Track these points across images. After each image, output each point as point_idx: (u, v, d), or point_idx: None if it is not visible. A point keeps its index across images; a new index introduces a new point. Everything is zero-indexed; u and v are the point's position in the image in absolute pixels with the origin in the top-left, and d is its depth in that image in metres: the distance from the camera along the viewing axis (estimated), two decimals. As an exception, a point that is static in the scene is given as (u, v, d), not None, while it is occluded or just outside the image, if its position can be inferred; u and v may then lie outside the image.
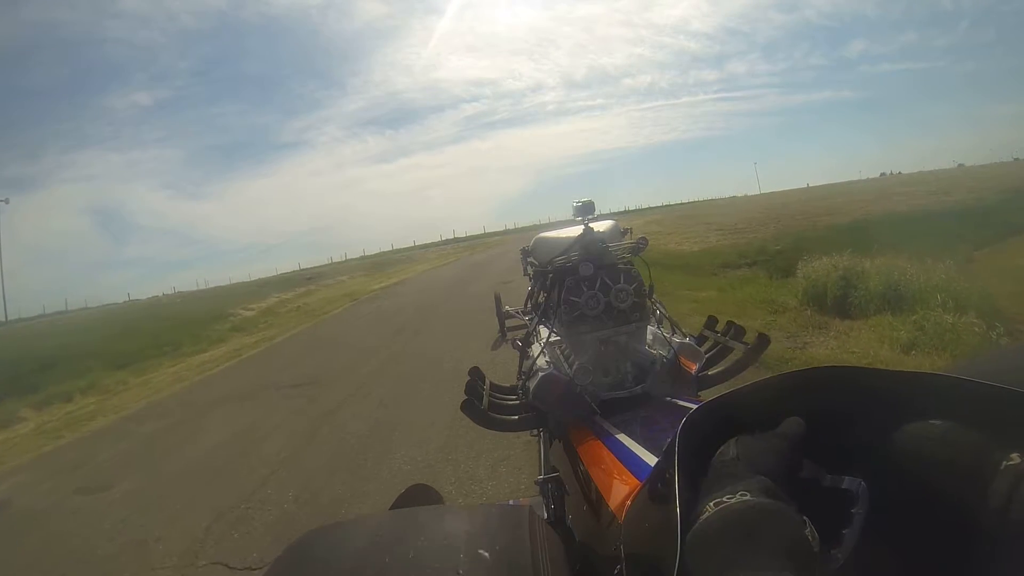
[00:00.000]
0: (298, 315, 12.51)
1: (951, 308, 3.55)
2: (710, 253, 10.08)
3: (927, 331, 3.32)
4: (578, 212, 1.55)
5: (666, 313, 1.54)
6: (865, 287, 4.22)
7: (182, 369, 7.98)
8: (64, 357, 9.83)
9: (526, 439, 2.78)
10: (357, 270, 27.40)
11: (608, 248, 1.38)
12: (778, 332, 3.90)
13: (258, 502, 2.71)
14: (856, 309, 4.14)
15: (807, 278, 4.77)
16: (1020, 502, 0.27)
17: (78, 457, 4.24)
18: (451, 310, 7.99)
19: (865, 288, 4.21)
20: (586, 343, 1.30)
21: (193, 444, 3.91)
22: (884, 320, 3.75)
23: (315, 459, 3.12)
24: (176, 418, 4.85)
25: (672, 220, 21.94)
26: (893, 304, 3.96)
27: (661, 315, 1.50)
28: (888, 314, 3.86)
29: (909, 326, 3.47)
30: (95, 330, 16.25)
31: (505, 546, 0.43)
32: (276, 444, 3.52)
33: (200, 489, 3.06)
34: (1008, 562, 0.27)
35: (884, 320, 3.75)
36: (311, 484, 2.79)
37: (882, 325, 3.66)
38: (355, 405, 4.02)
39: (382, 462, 2.89)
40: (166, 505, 2.94)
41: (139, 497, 3.13)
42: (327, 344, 7.44)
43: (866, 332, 3.65)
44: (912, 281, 4.07)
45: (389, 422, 3.49)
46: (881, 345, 3.31)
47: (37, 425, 6.00)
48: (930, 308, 3.64)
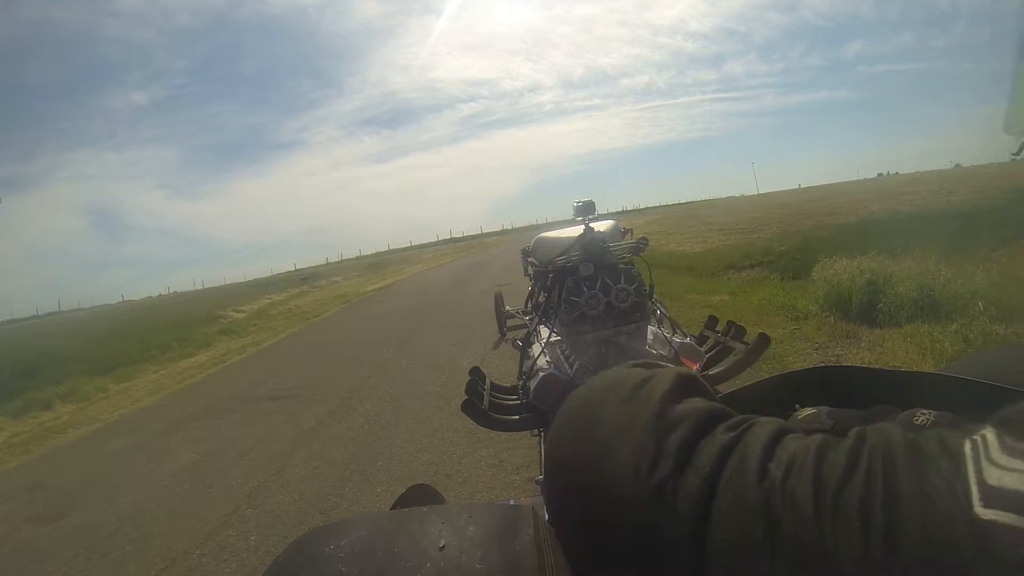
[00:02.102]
0: (289, 318, 12.28)
1: (995, 316, 3.23)
2: (714, 254, 9.79)
3: (972, 342, 2.98)
4: (579, 212, 1.57)
5: (667, 313, 1.54)
6: (894, 292, 3.88)
7: (164, 376, 7.74)
8: (49, 361, 9.60)
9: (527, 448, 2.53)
10: (352, 271, 27.21)
11: (609, 248, 1.38)
12: (805, 343, 3.56)
13: (215, 548, 2.35)
14: (885, 316, 3.79)
15: (828, 282, 4.44)
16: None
17: (39, 477, 3.98)
18: (446, 315, 7.68)
19: (895, 293, 3.87)
20: (587, 343, 1.31)
21: (159, 467, 3.60)
22: (920, 329, 3.39)
23: (285, 494, 2.76)
24: (148, 434, 4.57)
25: (672, 220, 21.72)
26: (927, 311, 3.62)
27: (662, 315, 1.50)
28: (922, 322, 3.52)
29: (951, 336, 3.13)
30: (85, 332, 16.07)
31: (507, 546, 0.41)
32: (244, 471, 3.18)
33: (156, 525, 2.74)
34: None
35: (920, 329, 3.39)
36: (276, 527, 2.43)
37: (919, 335, 3.31)
38: (337, 425, 3.67)
39: (358, 499, 2.54)
40: (116, 544, 2.63)
41: (92, 532, 2.83)
42: (314, 351, 7.16)
43: (901, 342, 3.30)
44: (947, 286, 3.73)
45: (371, 447, 3.14)
46: (923, 358, 2.97)
47: (9, 436, 5.83)
48: (971, 316, 3.31)
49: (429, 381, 4.26)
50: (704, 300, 5.58)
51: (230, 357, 8.15)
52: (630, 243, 1.47)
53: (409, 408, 3.71)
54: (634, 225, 1.99)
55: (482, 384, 1.36)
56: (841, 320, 3.98)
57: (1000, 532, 0.20)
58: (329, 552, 0.43)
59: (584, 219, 1.51)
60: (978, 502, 0.21)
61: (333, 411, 3.99)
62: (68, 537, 2.82)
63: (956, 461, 0.23)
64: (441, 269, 19.54)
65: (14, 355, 11.10)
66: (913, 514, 0.22)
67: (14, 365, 9.41)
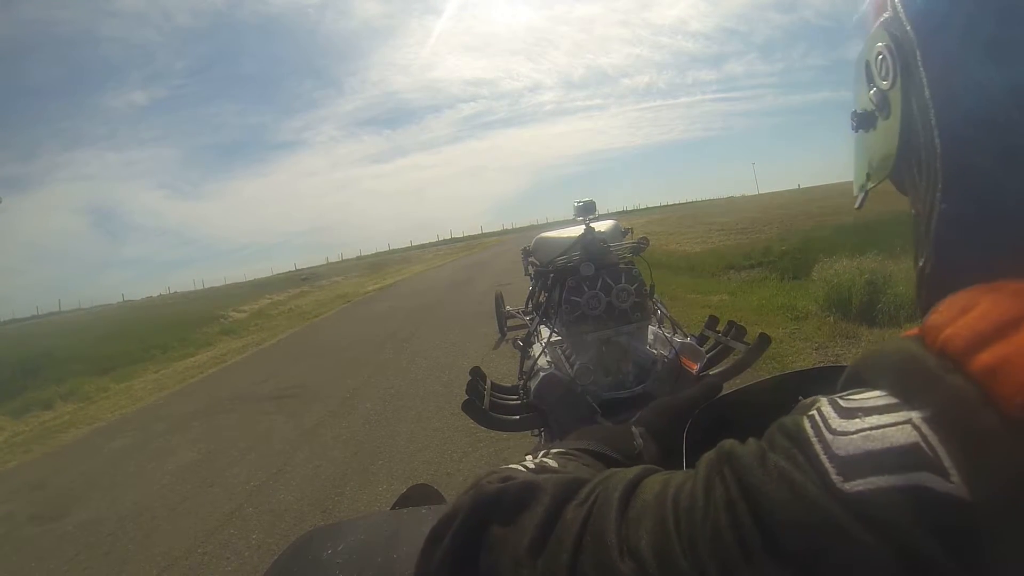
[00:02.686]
0: (289, 318, 12.27)
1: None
2: (714, 254, 9.79)
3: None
4: (579, 212, 1.57)
5: (667, 313, 1.54)
6: (894, 292, 3.88)
7: (164, 376, 7.75)
8: (50, 361, 9.62)
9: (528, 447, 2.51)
10: (353, 271, 27.20)
11: (609, 248, 1.38)
12: (804, 342, 3.57)
13: (217, 546, 2.36)
14: (885, 316, 3.79)
15: (828, 282, 4.44)
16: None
17: (41, 476, 3.99)
18: (447, 315, 7.69)
19: (894, 293, 3.87)
20: (587, 343, 1.30)
21: (160, 466, 3.61)
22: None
23: (286, 492, 2.77)
24: (149, 433, 4.57)
25: (673, 220, 21.69)
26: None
27: (662, 315, 1.50)
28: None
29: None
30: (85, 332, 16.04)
31: None
32: (246, 470, 3.18)
33: (158, 523, 2.75)
34: None
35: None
36: (278, 526, 2.44)
37: (917, 335, 3.32)
38: (337, 424, 3.68)
39: (358, 498, 2.55)
40: (118, 543, 2.64)
41: (93, 530, 2.84)
42: (315, 351, 7.16)
43: (900, 343, 3.31)
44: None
45: (372, 447, 3.15)
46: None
47: (10, 436, 5.83)
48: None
49: (430, 381, 4.27)
50: (704, 300, 5.59)
51: (231, 357, 8.16)
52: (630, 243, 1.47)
53: (410, 408, 3.72)
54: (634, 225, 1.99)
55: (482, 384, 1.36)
56: (841, 320, 3.98)
57: (871, 499, 0.20)
58: (329, 552, 0.43)
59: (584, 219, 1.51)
60: (838, 479, 0.20)
61: (334, 411, 4.00)
62: (70, 536, 2.84)
63: (802, 446, 0.22)
64: (441, 269, 19.55)
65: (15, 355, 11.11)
66: (785, 516, 0.21)
67: (15, 365, 9.42)
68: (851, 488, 0.20)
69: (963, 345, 0.21)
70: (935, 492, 0.19)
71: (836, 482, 0.20)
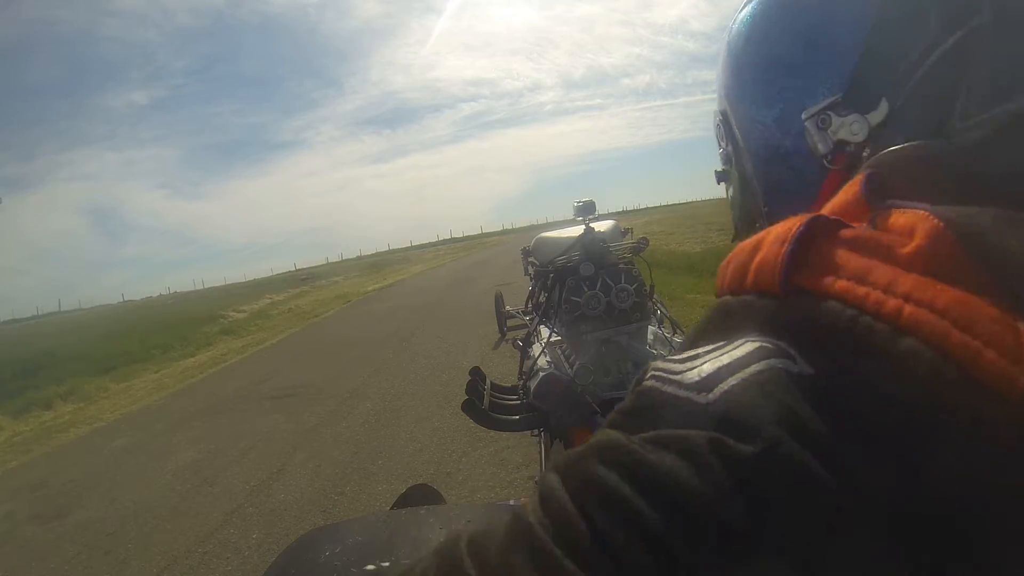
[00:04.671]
0: (289, 317, 12.25)
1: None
2: (714, 254, 9.76)
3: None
4: (579, 212, 1.57)
5: (667, 313, 1.54)
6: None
7: (165, 376, 7.74)
8: (50, 360, 9.64)
9: (528, 447, 2.54)
10: (353, 271, 27.20)
11: (609, 248, 1.38)
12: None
13: (217, 545, 2.37)
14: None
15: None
16: None
17: (41, 476, 3.99)
18: (447, 315, 7.69)
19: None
20: (587, 343, 1.31)
21: (160, 465, 3.61)
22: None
23: (286, 492, 2.77)
24: (149, 432, 4.57)
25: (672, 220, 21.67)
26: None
27: (662, 315, 1.50)
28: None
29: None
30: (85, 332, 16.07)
31: None
32: (246, 470, 3.19)
33: (158, 523, 2.75)
34: None
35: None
36: (278, 525, 2.44)
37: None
38: (337, 424, 3.68)
39: (358, 498, 2.55)
40: (118, 542, 2.64)
41: (94, 530, 2.85)
42: (315, 350, 7.16)
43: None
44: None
45: (372, 446, 3.15)
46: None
47: (10, 436, 5.82)
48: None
49: (430, 380, 4.27)
50: (704, 300, 5.57)
51: (231, 357, 8.15)
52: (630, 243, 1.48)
53: (410, 407, 3.72)
54: (634, 225, 2.00)
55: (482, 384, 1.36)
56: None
57: (738, 392, 0.20)
58: (328, 553, 0.43)
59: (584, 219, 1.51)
60: (700, 397, 0.20)
61: (334, 410, 4.00)
62: (70, 535, 2.84)
63: (653, 397, 0.22)
64: (441, 269, 19.51)
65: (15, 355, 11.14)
66: (675, 451, 0.19)
67: (15, 365, 9.43)
68: (714, 395, 0.20)
69: (754, 277, 0.24)
70: (789, 371, 0.20)
71: (699, 400, 0.20)
